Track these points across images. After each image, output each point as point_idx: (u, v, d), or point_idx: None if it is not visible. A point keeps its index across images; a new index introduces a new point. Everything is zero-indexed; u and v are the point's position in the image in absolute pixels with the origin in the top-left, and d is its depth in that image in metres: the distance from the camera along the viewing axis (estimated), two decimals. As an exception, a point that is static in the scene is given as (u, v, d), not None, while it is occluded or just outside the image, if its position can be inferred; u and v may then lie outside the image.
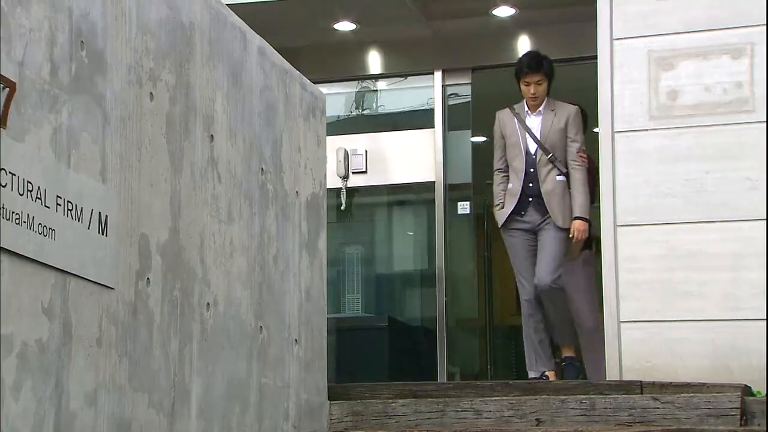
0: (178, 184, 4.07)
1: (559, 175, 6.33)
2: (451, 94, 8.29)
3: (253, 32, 4.85)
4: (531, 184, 6.34)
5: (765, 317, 5.89)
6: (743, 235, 6.18)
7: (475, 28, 8.06)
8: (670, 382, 5.79)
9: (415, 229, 8.76)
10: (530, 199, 6.35)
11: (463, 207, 8.17)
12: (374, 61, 8.57)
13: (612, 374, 6.26)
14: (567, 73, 8.01)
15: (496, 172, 6.50)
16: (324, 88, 6.02)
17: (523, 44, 8.15)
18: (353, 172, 8.16)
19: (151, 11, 3.91)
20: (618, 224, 6.40)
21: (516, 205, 6.34)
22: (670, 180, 6.33)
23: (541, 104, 6.43)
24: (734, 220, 6.21)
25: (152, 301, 3.85)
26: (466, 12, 7.91)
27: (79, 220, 3.42)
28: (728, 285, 6.16)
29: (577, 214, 6.30)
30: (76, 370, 3.37)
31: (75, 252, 3.39)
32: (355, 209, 8.49)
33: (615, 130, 6.46)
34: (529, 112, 6.45)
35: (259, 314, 4.73)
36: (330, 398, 5.59)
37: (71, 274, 3.37)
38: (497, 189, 6.49)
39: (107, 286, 3.56)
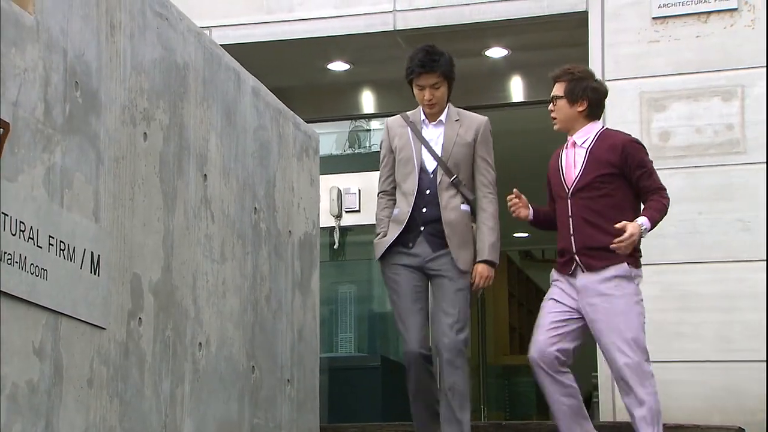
0: (171, 223, 4.07)
1: (464, 203, 4.76)
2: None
3: (247, 72, 4.88)
4: (425, 210, 4.73)
5: (765, 359, 5.87)
6: (736, 277, 6.19)
7: (468, 69, 8.09)
8: (665, 424, 5.76)
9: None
10: (422, 228, 4.73)
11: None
12: (367, 101, 8.61)
13: (606, 416, 6.24)
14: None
15: (380, 195, 4.93)
16: (317, 128, 6.04)
17: (516, 85, 8.21)
18: (346, 211, 8.16)
19: (146, 51, 3.93)
20: (611, 264, 6.39)
21: (401, 234, 4.74)
22: (663, 221, 6.33)
23: (441, 112, 4.83)
24: (727, 261, 6.22)
25: (144, 341, 3.83)
26: (460, 52, 7.93)
27: (71, 260, 3.41)
28: (722, 326, 6.16)
29: (485, 257, 4.70)
30: (67, 411, 3.34)
31: (67, 292, 3.37)
32: (348, 248, 8.48)
33: (608, 171, 6.48)
34: (426, 121, 4.84)
35: (251, 354, 4.71)
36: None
37: (63, 314, 3.35)
38: (380, 215, 4.90)
39: (99, 326, 3.54)
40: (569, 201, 4.55)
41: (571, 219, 4.52)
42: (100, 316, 3.55)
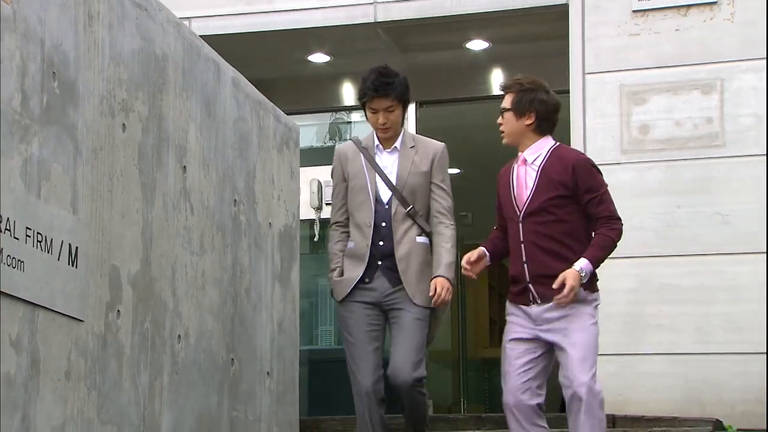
0: (150, 215, 4.04)
1: (421, 235, 4.48)
2: (425, 127, 8.31)
3: (227, 64, 4.85)
4: (381, 243, 4.45)
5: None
6: (714, 269, 6.22)
7: (449, 61, 8.10)
8: (642, 416, 5.79)
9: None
10: (379, 263, 4.46)
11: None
12: (348, 93, 8.59)
13: (585, 407, 6.24)
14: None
15: (333, 226, 4.63)
16: (298, 120, 6.03)
17: (497, 77, 8.20)
18: (327, 204, 8.14)
19: (125, 42, 3.90)
20: (590, 257, 6.42)
21: (363, 272, 4.47)
22: (641, 214, 6.37)
23: (396, 137, 4.54)
24: (706, 254, 6.25)
25: (122, 333, 3.81)
26: (441, 45, 7.96)
27: (48, 252, 3.39)
28: (700, 319, 6.19)
29: (439, 272, 4.43)
30: (44, 403, 3.32)
31: (44, 284, 3.35)
32: (329, 240, 8.46)
33: (587, 163, 6.50)
34: (380, 147, 4.55)
35: (230, 347, 4.69)
36: None
37: (40, 306, 3.32)
38: (334, 248, 4.58)
39: (77, 319, 3.52)
40: (520, 225, 4.17)
41: (523, 245, 4.15)
42: (78, 308, 3.53)
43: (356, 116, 8.77)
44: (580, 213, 4.14)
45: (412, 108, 8.13)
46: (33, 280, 3.29)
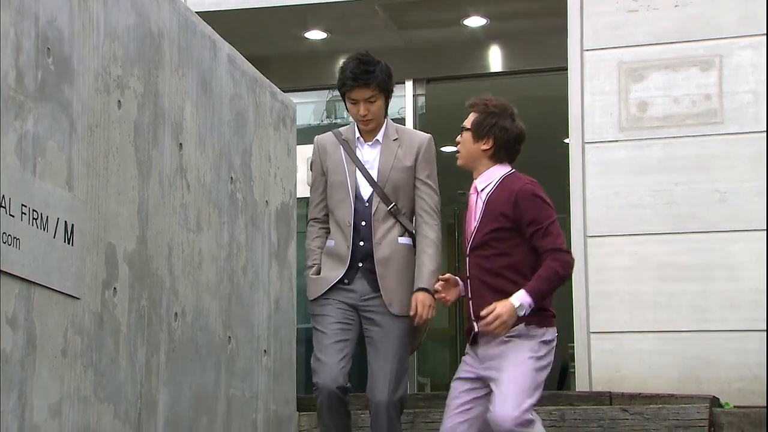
0: (146, 192, 4.03)
1: (403, 235, 4.14)
2: (422, 104, 8.29)
3: (223, 40, 4.82)
4: (362, 243, 4.12)
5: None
6: (712, 247, 6.21)
7: (446, 38, 8.06)
8: (639, 393, 5.80)
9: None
10: (360, 264, 4.12)
11: (449, 216, 8.09)
12: (345, 71, 8.54)
13: (581, 385, 6.27)
14: (538, 83, 8.04)
15: (310, 222, 4.31)
16: (294, 97, 6.00)
17: (494, 54, 8.17)
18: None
19: (120, 18, 3.87)
20: (588, 235, 6.43)
21: (343, 273, 4.15)
22: (639, 191, 6.36)
23: (378, 130, 4.20)
24: (703, 232, 6.24)
25: (119, 311, 3.80)
26: (438, 22, 7.92)
27: (44, 229, 3.37)
28: (697, 297, 6.19)
29: (422, 284, 4.08)
30: (41, 381, 3.31)
31: (40, 261, 3.34)
32: (325, 219, 8.44)
33: (585, 141, 6.49)
34: (361, 140, 4.21)
35: (227, 324, 4.69)
36: (299, 409, 5.55)
37: (36, 283, 3.31)
38: (311, 245, 4.26)
39: (73, 296, 3.51)
40: (468, 259, 3.88)
41: (469, 281, 3.88)
42: (74, 285, 3.52)
43: (353, 94, 8.73)
44: (528, 246, 3.79)
45: (409, 85, 8.11)
46: (29, 258, 3.28)
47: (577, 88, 6.53)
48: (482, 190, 3.88)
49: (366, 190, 4.15)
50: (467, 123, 3.95)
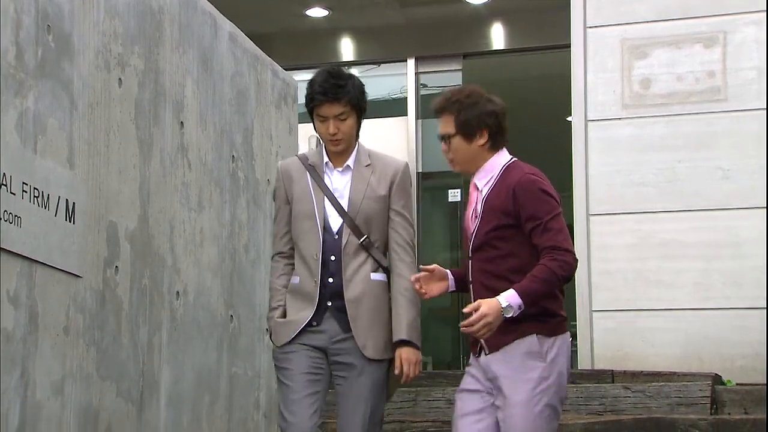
0: (148, 171, 4.01)
1: (377, 271, 3.66)
2: (423, 82, 8.26)
3: (224, 18, 4.79)
4: (331, 280, 3.62)
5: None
6: (715, 225, 6.20)
7: (448, 16, 8.02)
8: (642, 371, 5.81)
9: (387, 217, 8.72)
10: (329, 303, 3.62)
11: (454, 195, 8.05)
12: (347, 48, 8.51)
13: (584, 363, 6.27)
14: (540, 61, 8.01)
15: (274, 258, 3.78)
16: (296, 75, 5.97)
17: (497, 32, 8.13)
18: (325, 160, 8.11)
19: (120, -5, 3.85)
20: (590, 213, 6.42)
21: (312, 314, 3.62)
22: (642, 169, 6.34)
23: (349, 153, 3.72)
24: (706, 210, 6.23)
25: (121, 289, 3.80)
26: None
27: (45, 207, 3.36)
28: (700, 275, 6.18)
29: (402, 336, 3.61)
30: (43, 359, 3.31)
31: (41, 239, 3.33)
32: (328, 197, 8.43)
33: (588, 118, 6.47)
34: (330, 165, 3.71)
35: (229, 303, 4.69)
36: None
37: (38, 262, 3.31)
38: (275, 283, 3.73)
39: (74, 275, 3.50)
40: (470, 262, 3.47)
41: (472, 286, 3.46)
42: (76, 264, 3.51)
43: (355, 72, 8.71)
44: (532, 245, 3.38)
45: (411, 63, 8.07)
46: (30, 236, 3.27)
47: (580, 66, 6.50)
48: (483, 187, 3.48)
49: (335, 221, 3.65)
50: (449, 129, 3.46)
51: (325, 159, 3.71)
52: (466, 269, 3.49)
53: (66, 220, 3.47)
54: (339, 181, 3.70)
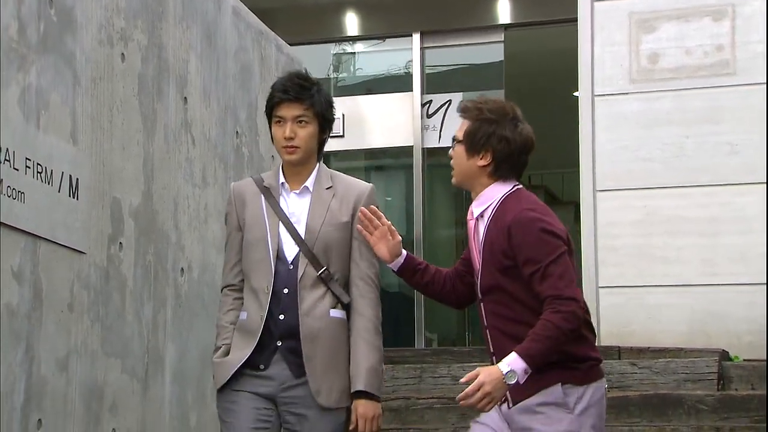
0: (151, 147, 3.99)
1: (336, 307, 3.23)
2: (429, 57, 8.21)
3: (228, -8, 4.76)
4: (282, 317, 3.18)
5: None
6: (722, 200, 6.17)
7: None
8: (648, 347, 5.80)
9: (392, 194, 8.71)
10: (278, 344, 3.18)
11: None
12: (351, 23, 8.45)
13: (589, 339, 6.25)
14: (547, 35, 7.95)
15: (224, 291, 3.33)
16: (300, 51, 5.93)
17: (503, 7, 8.06)
18: (330, 136, 8.06)
19: (122, -31, 3.81)
20: (597, 189, 6.38)
21: (252, 353, 3.17)
22: (649, 144, 6.30)
23: (308, 174, 3.28)
24: (714, 185, 6.19)
25: (125, 266, 3.78)
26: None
27: (49, 183, 3.34)
28: (706, 250, 6.16)
29: (360, 386, 3.18)
30: (47, 335, 3.30)
31: (45, 215, 3.31)
32: (332, 174, 8.40)
33: (595, 93, 6.42)
34: (286, 186, 3.29)
35: (234, 279, 4.67)
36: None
37: (41, 238, 3.29)
38: (223, 320, 3.28)
39: (79, 251, 3.49)
40: (481, 305, 3.09)
41: (488, 332, 3.08)
42: (80, 240, 3.50)
43: (360, 47, 8.66)
44: None
45: (416, 38, 7.99)
46: (34, 212, 3.25)
47: (587, 40, 6.44)
48: (481, 216, 3.08)
49: (291, 250, 3.21)
50: (458, 133, 3.12)
51: (281, 180, 3.28)
52: (479, 312, 3.08)
53: (69, 196, 3.45)
54: (296, 205, 3.26)
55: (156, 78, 4.04)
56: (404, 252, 3.26)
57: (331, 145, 9.01)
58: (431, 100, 7.96)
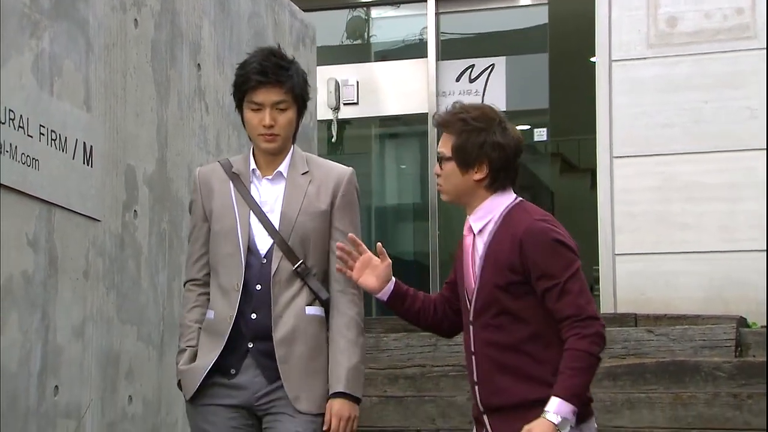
0: (165, 113, 3.97)
1: (313, 303, 2.96)
2: (444, 23, 8.13)
3: (241, -43, 4.71)
4: (254, 316, 2.91)
5: (765, 248, 5.84)
6: (742, 166, 6.12)
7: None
8: (665, 314, 5.77)
9: (407, 161, 8.67)
10: (249, 346, 2.91)
11: (540, 134, 7.88)
12: (366, -12, 8.38)
13: (606, 307, 6.24)
14: (563, 0, 7.86)
15: (187, 287, 3.05)
16: (314, 17, 5.88)
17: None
18: (344, 104, 8.03)
19: (134, -67, 3.77)
20: (614, 156, 6.34)
21: (220, 356, 2.90)
22: (667, 110, 6.24)
23: (282, 158, 2.99)
24: (733, 150, 6.14)
25: (140, 233, 3.78)
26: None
27: (63, 150, 3.33)
28: (725, 216, 6.11)
29: (339, 388, 2.91)
30: (63, 302, 3.30)
31: (60, 183, 3.30)
32: (347, 142, 8.38)
33: (612, 59, 6.36)
34: (258, 173, 3.00)
35: (249, 247, 4.66)
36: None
37: (56, 205, 3.28)
38: (187, 318, 3.01)
39: (94, 218, 3.48)
40: (471, 328, 2.84)
41: (474, 358, 2.83)
42: (94, 207, 3.48)
43: (376, 12, 8.59)
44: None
45: (431, 3, 7.90)
46: (48, 179, 3.24)
47: (604, 4, 6.38)
48: (480, 231, 2.83)
49: (263, 242, 2.93)
50: (445, 150, 2.84)
51: (252, 166, 2.98)
52: (466, 337, 2.84)
53: (84, 163, 3.43)
54: (269, 193, 2.96)
55: (169, 44, 4.01)
56: (393, 281, 2.94)
57: (345, 113, 9.01)
58: (473, 65, 7.83)
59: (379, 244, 2.95)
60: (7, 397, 3.02)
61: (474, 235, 2.84)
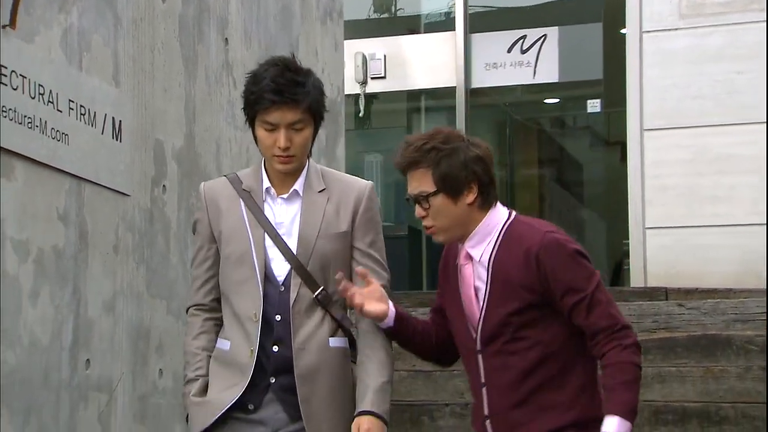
0: (193, 89, 3.97)
1: (335, 334, 2.75)
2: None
3: (268, -70, 4.69)
4: (276, 349, 2.69)
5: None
6: (774, 138, 6.04)
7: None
8: (696, 288, 5.73)
9: (435, 136, 8.64)
10: (272, 380, 2.69)
11: (593, 105, 7.79)
12: (394, -37, 8.35)
13: (636, 281, 6.21)
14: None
15: (191, 312, 2.81)
16: (341, -9, 5.85)
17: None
18: (372, 78, 8.00)
19: None
20: (645, 128, 6.28)
21: (241, 392, 2.68)
22: (699, 81, 6.17)
23: (297, 175, 2.76)
24: (765, 123, 6.06)
25: (169, 208, 3.78)
26: None
27: (92, 125, 3.33)
28: (757, 190, 6.05)
29: (367, 407, 2.68)
30: (93, 276, 3.32)
31: (89, 158, 3.31)
32: (374, 116, 8.36)
33: (643, 30, 6.29)
34: (272, 191, 2.76)
35: (278, 222, 4.66)
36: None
37: (86, 180, 3.29)
38: (192, 345, 2.76)
39: (123, 193, 3.49)
40: (479, 358, 2.66)
41: (485, 390, 2.66)
42: (124, 182, 3.49)
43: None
44: (565, 326, 2.61)
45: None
46: (78, 154, 3.25)
47: (634, -25, 6.30)
48: (480, 259, 2.65)
49: (281, 268, 2.71)
50: (424, 186, 2.62)
51: (266, 184, 2.74)
52: (473, 368, 2.67)
53: (113, 138, 3.44)
54: (284, 213, 2.73)
55: (197, 19, 4.00)
56: (393, 310, 2.73)
57: (372, 87, 8.99)
58: (525, 35, 7.74)
59: (358, 268, 2.70)
60: (39, 370, 3.05)
61: (473, 262, 2.66)
